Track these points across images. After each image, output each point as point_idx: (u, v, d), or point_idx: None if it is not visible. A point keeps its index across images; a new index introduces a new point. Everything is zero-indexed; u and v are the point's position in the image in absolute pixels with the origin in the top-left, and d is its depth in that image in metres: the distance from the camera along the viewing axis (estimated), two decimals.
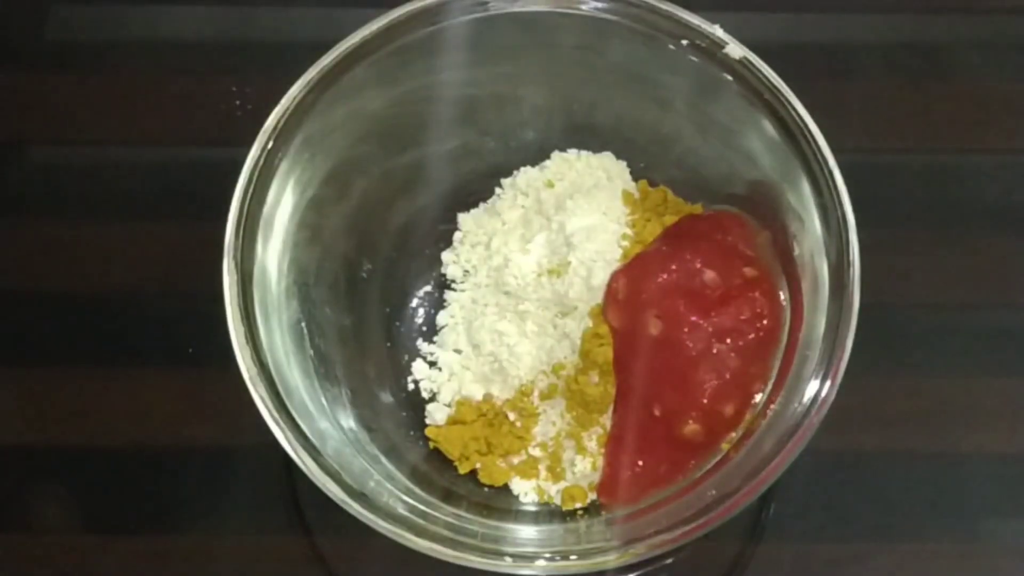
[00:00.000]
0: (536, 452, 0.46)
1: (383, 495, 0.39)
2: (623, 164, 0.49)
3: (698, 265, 0.44)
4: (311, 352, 0.43)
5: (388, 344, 0.48)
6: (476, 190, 0.50)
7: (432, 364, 0.48)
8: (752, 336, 0.42)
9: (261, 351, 0.39)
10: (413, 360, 0.48)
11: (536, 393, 0.46)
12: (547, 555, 0.38)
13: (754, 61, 0.43)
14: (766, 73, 0.42)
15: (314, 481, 0.38)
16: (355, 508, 0.37)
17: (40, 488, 0.49)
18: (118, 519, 0.48)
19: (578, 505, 0.45)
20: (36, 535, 0.48)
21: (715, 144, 0.46)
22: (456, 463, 0.46)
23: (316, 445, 0.38)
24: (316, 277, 0.45)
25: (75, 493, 0.49)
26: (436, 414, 0.47)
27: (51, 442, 0.49)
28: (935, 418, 0.49)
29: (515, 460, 0.46)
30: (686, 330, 0.42)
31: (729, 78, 0.43)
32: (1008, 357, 0.51)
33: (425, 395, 0.48)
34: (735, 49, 0.43)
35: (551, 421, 0.46)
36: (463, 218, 0.50)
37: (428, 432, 0.46)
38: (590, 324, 0.45)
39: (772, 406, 0.41)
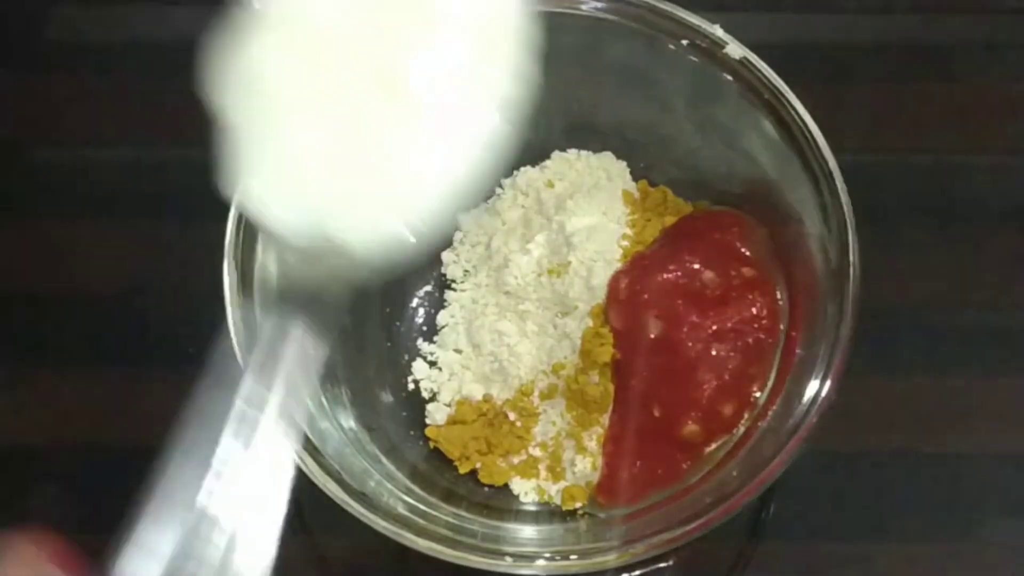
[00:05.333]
0: (536, 452, 0.46)
1: (383, 495, 0.39)
2: (623, 164, 0.49)
3: (697, 266, 0.44)
4: None
5: (388, 344, 0.48)
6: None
7: (432, 364, 0.48)
8: (751, 336, 0.42)
9: None
10: (413, 360, 0.48)
11: (536, 393, 0.46)
12: (547, 555, 0.38)
13: (754, 61, 0.43)
14: (766, 73, 0.42)
15: (314, 481, 0.38)
16: (355, 508, 0.37)
17: (40, 488, 0.49)
18: (118, 519, 0.48)
19: (578, 505, 0.45)
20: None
21: (715, 144, 0.46)
22: (456, 463, 0.46)
23: (316, 445, 0.38)
24: None
25: (75, 493, 0.48)
26: (436, 414, 0.47)
27: (51, 442, 0.49)
28: (935, 418, 0.49)
29: (515, 460, 0.46)
30: (686, 330, 0.42)
31: (729, 78, 0.43)
32: (1008, 357, 0.50)
33: (425, 395, 0.47)
34: (735, 49, 0.43)
35: (551, 421, 0.46)
36: (463, 218, 0.50)
37: (428, 432, 0.46)
38: (590, 324, 0.45)
39: (772, 406, 0.41)
